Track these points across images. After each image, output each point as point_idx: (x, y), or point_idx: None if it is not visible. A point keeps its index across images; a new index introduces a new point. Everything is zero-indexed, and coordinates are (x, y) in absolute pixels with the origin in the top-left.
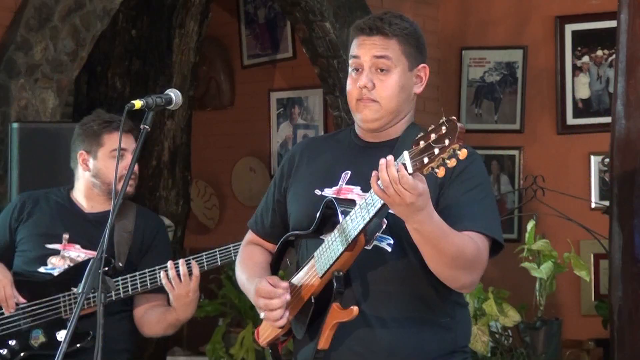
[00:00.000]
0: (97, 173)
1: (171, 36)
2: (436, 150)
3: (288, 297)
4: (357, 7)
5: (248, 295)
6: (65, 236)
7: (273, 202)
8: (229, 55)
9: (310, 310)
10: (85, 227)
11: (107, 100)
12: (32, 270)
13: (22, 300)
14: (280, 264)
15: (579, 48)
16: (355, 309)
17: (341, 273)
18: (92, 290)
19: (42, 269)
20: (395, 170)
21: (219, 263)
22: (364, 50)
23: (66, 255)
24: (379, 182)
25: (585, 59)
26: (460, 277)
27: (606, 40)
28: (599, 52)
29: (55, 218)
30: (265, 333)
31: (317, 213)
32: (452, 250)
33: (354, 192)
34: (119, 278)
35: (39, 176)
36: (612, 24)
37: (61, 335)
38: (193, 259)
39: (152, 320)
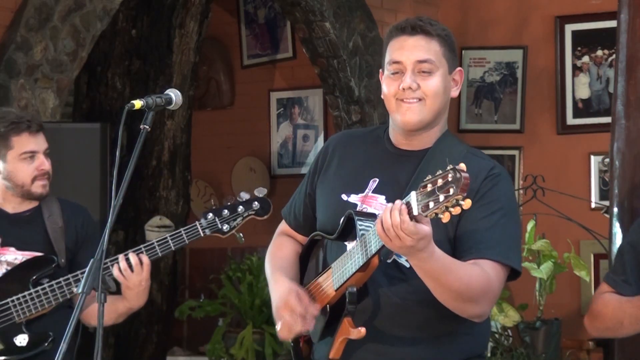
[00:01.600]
0: (7, 176)
1: (171, 36)
2: (441, 198)
3: (310, 327)
4: (357, 7)
5: (270, 289)
6: None
7: (305, 195)
8: (229, 55)
9: (325, 318)
10: (14, 229)
11: (107, 100)
12: None
13: None
14: (309, 259)
15: (579, 48)
16: (362, 330)
17: (355, 289)
18: (43, 289)
19: None
20: (397, 215)
21: (172, 248)
22: (406, 54)
23: (2, 259)
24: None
25: (585, 59)
26: (467, 309)
27: (606, 40)
28: (599, 52)
29: None
30: None
31: (340, 220)
32: (457, 285)
33: (378, 201)
34: (70, 276)
35: None
36: (612, 24)
37: (19, 340)
38: (144, 247)
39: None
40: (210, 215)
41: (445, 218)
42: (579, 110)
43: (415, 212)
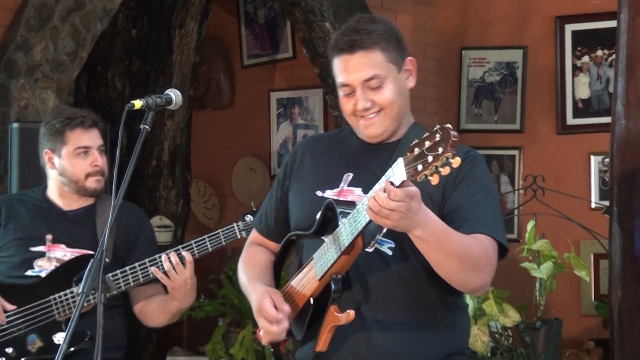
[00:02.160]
0: (62, 172)
1: (171, 36)
2: (430, 158)
3: (286, 325)
4: (357, 7)
5: (248, 297)
6: (49, 237)
7: (276, 200)
8: (229, 55)
9: (309, 312)
10: (67, 226)
11: (107, 100)
12: (18, 275)
13: (9, 307)
14: (283, 263)
15: (579, 48)
16: (351, 312)
17: (339, 276)
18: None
19: (29, 273)
20: (382, 192)
21: (210, 249)
22: (351, 77)
23: (52, 256)
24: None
25: (585, 59)
26: (471, 279)
27: (606, 40)
28: (599, 52)
29: (36, 220)
30: (267, 334)
31: (318, 215)
32: (458, 249)
33: (354, 194)
34: (109, 274)
35: (39, 176)
36: (612, 24)
37: (58, 338)
38: (182, 248)
39: (153, 311)
40: (249, 217)
41: (435, 180)
42: (579, 110)
43: (404, 177)
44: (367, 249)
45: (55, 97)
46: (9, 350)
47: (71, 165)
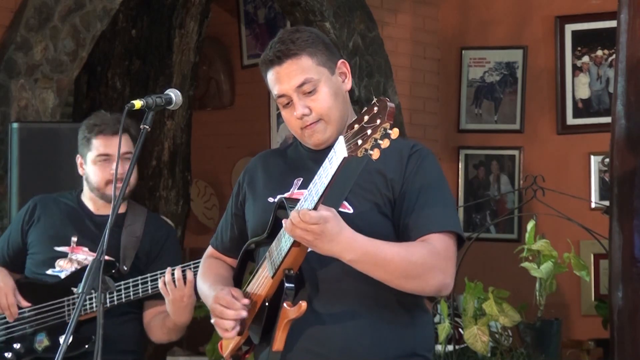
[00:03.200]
0: (87, 178)
1: (171, 36)
2: (369, 131)
3: (244, 314)
4: (357, 7)
5: (207, 303)
6: (74, 239)
7: (231, 217)
8: (229, 55)
9: (264, 315)
10: (93, 230)
11: (107, 100)
12: (40, 273)
13: (25, 304)
14: (243, 275)
15: (579, 48)
16: (303, 304)
17: (292, 272)
18: (92, 291)
19: (50, 272)
20: (296, 213)
21: None
22: (284, 86)
23: (74, 258)
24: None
25: (585, 59)
26: (421, 285)
27: (606, 40)
28: (599, 52)
29: (65, 221)
30: (228, 344)
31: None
32: (396, 263)
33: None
34: (122, 282)
35: (39, 176)
36: (612, 24)
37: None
38: (193, 264)
39: (156, 326)
40: None
41: (375, 154)
42: (579, 110)
43: (344, 155)
44: None
45: (55, 97)
46: (17, 346)
47: (92, 172)
